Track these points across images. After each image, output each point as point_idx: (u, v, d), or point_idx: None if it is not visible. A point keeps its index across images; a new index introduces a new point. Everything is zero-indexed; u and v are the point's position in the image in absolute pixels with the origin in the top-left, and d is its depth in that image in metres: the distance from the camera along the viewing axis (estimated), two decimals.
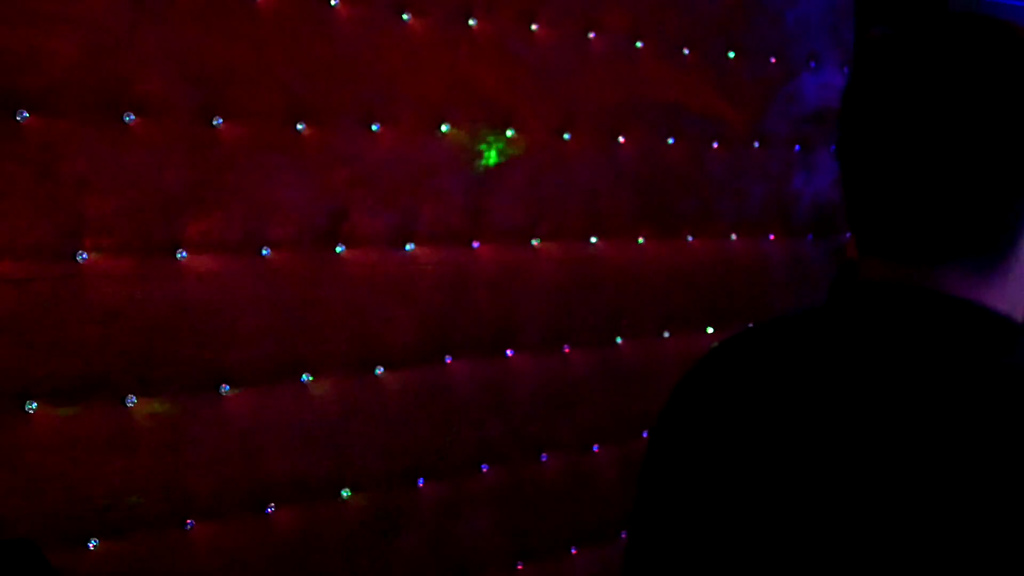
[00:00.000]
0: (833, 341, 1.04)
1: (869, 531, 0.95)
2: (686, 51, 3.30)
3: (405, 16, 2.69)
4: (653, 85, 3.21)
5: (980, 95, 0.94)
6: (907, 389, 0.96)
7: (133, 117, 2.30)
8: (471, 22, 2.81)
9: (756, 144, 3.50)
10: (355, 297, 2.62)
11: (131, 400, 2.29)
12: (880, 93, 1.00)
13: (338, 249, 2.59)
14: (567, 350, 3.01)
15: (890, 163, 0.98)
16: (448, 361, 2.77)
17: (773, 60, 3.56)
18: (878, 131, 0.99)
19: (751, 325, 1.19)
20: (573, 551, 3.03)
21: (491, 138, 2.85)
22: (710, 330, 3.33)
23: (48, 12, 2.20)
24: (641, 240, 3.17)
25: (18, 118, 2.16)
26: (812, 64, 3.72)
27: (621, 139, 3.12)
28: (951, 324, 0.97)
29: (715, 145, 3.35)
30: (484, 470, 2.83)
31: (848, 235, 3.76)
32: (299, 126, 2.53)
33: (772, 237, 3.56)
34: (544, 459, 2.96)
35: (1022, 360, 0.96)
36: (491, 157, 2.85)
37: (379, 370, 2.65)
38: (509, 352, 2.89)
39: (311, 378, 2.54)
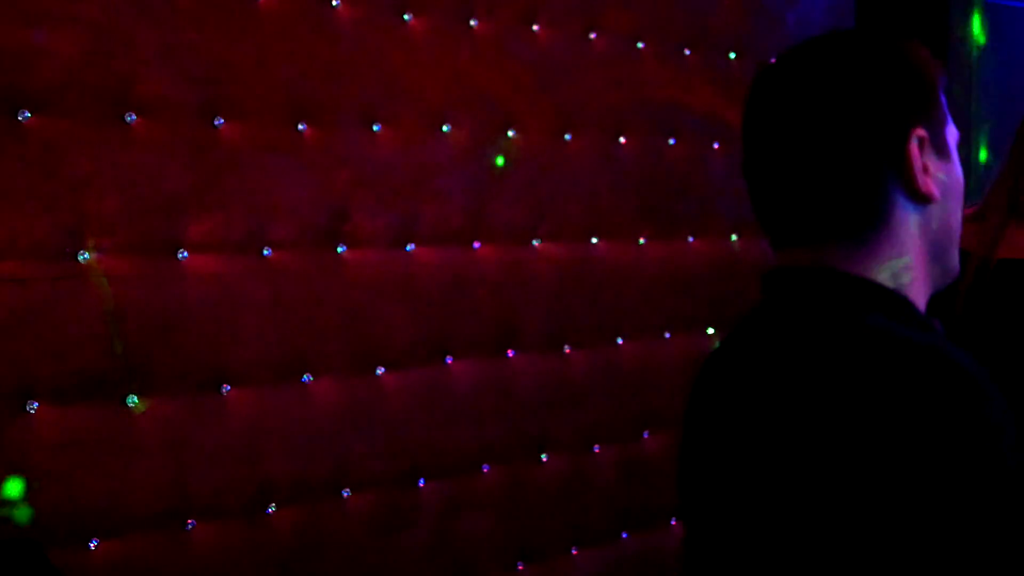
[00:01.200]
0: (746, 325, 1.21)
1: (770, 503, 1.07)
2: (687, 52, 3.31)
3: (406, 16, 2.69)
4: (654, 86, 3.21)
5: (828, 102, 1.12)
6: (788, 358, 1.10)
7: (135, 117, 2.30)
8: (472, 22, 2.81)
9: None
10: (356, 297, 2.62)
11: (132, 400, 2.29)
12: (755, 115, 1.18)
13: (339, 249, 2.59)
14: (567, 350, 3.01)
15: (770, 169, 1.16)
16: (449, 361, 2.77)
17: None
18: (757, 146, 1.17)
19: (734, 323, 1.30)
20: (573, 551, 3.03)
21: (500, 140, 2.85)
22: (710, 330, 3.34)
23: (50, 12, 2.20)
24: (641, 240, 3.18)
25: (20, 118, 2.16)
26: None
27: (622, 139, 3.12)
28: (828, 292, 1.12)
29: (715, 145, 3.35)
30: (485, 470, 2.83)
31: None
32: (300, 126, 2.53)
33: None
34: (544, 459, 2.96)
35: (884, 322, 1.07)
36: (500, 159, 2.85)
37: (380, 370, 2.65)
38: (510, 352, 2.89)
39: (312, 378, 2.54)
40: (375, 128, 2.64)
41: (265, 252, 2.48)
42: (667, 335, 3.24)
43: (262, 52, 2.48)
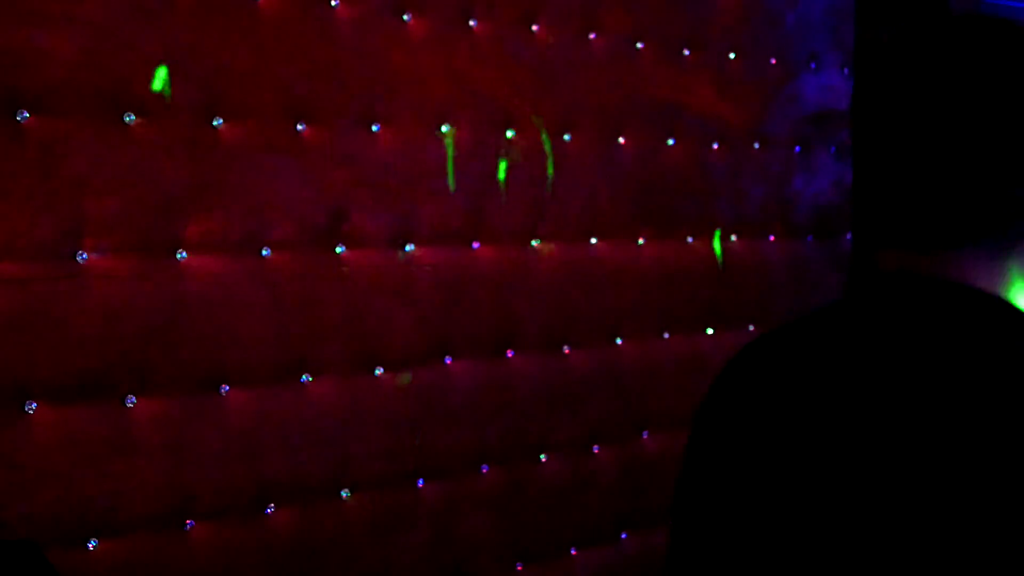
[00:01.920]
0: (856, 334, 1.05)
1: (899, 529, 0.95)
2: (686, 52, 3.31)
3: (405, 17, 2.69)
4: (653, 86, 3.21)
5: (985, 92, 0.98)
6: (924, 381, 0.97)
7: (134, 117, 2.30)
8: (471, 23, 2.81)
9: (756, 145, 3.50)
10: (355, 297, 2.62)
11: (131, 400, 2.29)
12: (892, 93, 1.04)
13: (338, 249, 2.59)
14: (567, 350, 3.01)
15: (905, 156, 1.02)
16: (448, 362, 2.77)
17: (773, 61, 3.56)
18: (892, 128, 1.03)
19: (787, 323, 1.17)
20: (573, 552, 3.03)
21: (500, 141, 2.85)
22: (710, 331, 3.34)
23: (48, 12, 2.20)
24: (641, 241, 3.18)
25: (19, 118, 2.16)
26: (812, 65, 3.72)
27: (621, 140, 3.12)
28: (963, 313, 0.99)
29: (715, 146, 3.35)
30: (484, 471, 2.83)
31: (848, 236, 3.76)
32: (299, 126, 2.53)
33: (772, 238, 3.56)
34: (544, 459, 2.96)
35: None
36: (502, 164, 2.86)
37: (379, 370, 2.65)
38: (509, 352, 2.89)
39: (311, 378, 2.54)
40: (374, 128, 2.64)
41: (264, 252, 2.48)
42: (666, 335, 3.24)
43: (261, 52, 2.48)
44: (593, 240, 3.06)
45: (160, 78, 2.29)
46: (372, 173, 2.65)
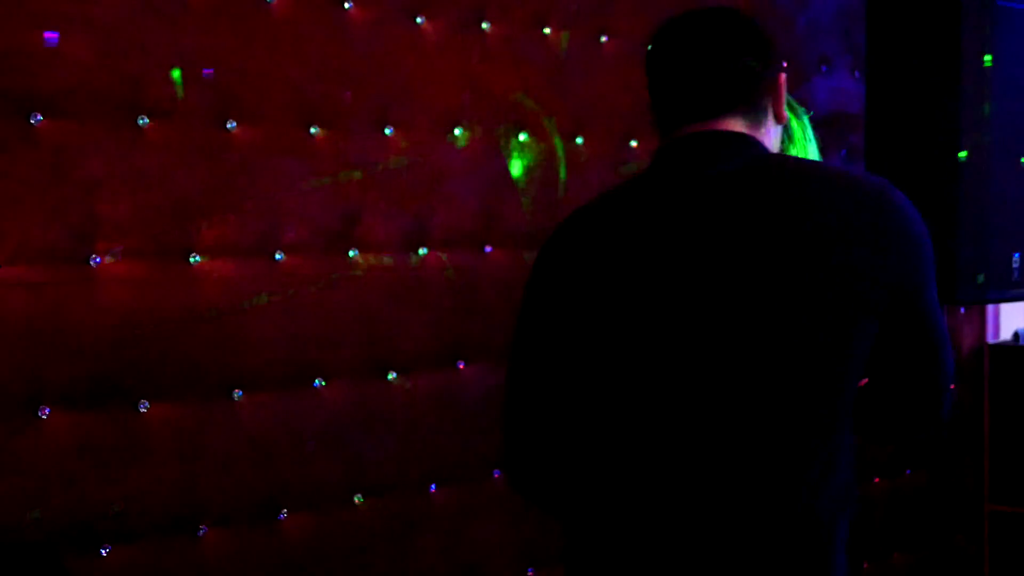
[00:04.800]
0: (663, 174, 1.54)
1: (729, 304, 1.44)
2: None
3: (418, 20, 2.67)
4: None
5: (735, 28, 1.56)
6: (724, 188, 1.48)
7: (147, 120, 2.29)
8: (484, 25, 2.80)
9: None
10: (368, 302, 2.60)
11: (144, 405, 2.28)
12: (674, 35, 1.58)
13: (351, 253, 2.58)
14: None
15: (686, 67, 1.54)
16: (461, 366, 2.76)
17: (784, 65, 3.55)
18: (677, 54, 1.56)
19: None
20: None
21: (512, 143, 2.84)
22: None
23: (62, 14, 2.19)
24: None
25: (32, 121, 2.15)
26: (823, 68, 3.70)
27: (633, 143, 3.10)
28: (739, 141, 1.51)
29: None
30: (496, 476, 2.82)
31: None
32: (312, 129, 2.52)
33: None
34: None
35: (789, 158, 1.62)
36: (515, 163, 2.84)
37: (392, 375, 2.64)
38: None
39: (324, 383, 2.53)
40: (387, 131, 2.63)
41: (277, 256, 2.46)
42: None
43: (274, 55, 2.47)
44: None
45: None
46: (385, 176, 2.63)
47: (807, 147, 2.26)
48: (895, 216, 1.45)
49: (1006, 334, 4.26)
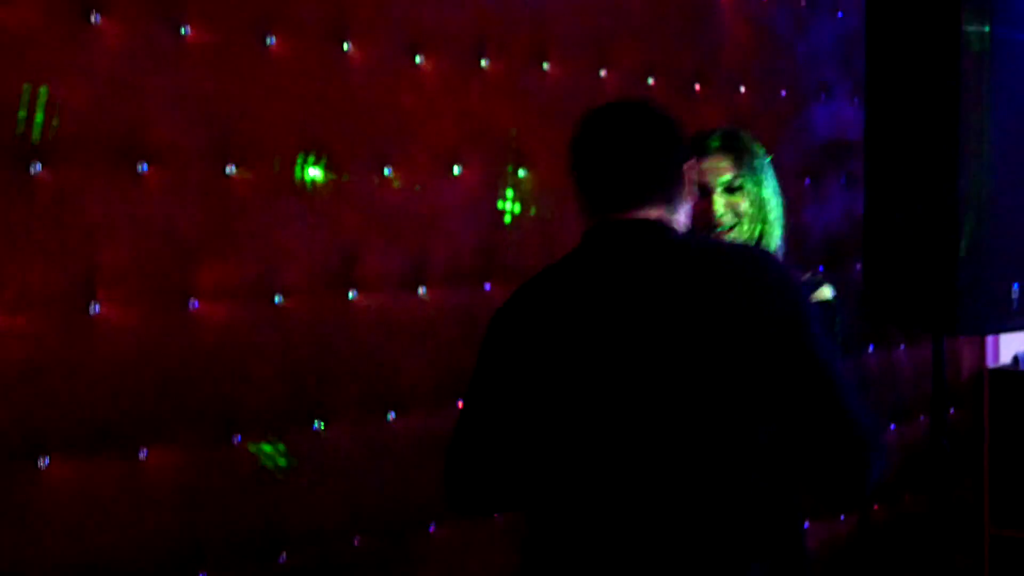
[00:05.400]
0: (596, 256, 1.77)
1: (649, 363, 1.68)
2: (697, 86, 3.30)
3: (418, 58, 2.67)
4: None
5: (651, 125, 1.81)
6: (643, 267, 1.73)
7: (146, 166, 2.28)
8: (483, 62, 2.80)
9: None
10: (367, 342, 2.60)
11: (144, 452, 2.28)
12: (597, 131, 1.84)
13: (350, 295, 2.58)
14: None
15: (612, 160, 1.80)
16: (461, 405, 2.75)
17: (784, 93, 3.56)
18: (603, 147, 1.82)
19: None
20: None
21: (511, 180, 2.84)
22: None
23: (60, 62, 2.19)
24: None
25: (31, 171, 2.15)
26: (823, 95, 3.71)
27: None
28: (654, 229, 1.76)
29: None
30: (496, 516, 2.81)
31: (858, 265, 3.74)
32: (312, 170, 2.51)
33: None
34: None
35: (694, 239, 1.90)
36: (511, 201, 2.84)
37: (391, 415, 2.64)
38: None
39: (323, 425, 2.53)
40: (386, 171, 2.63)
41: (277, 299, 2.46)
42: None
43: (274, 96, 2.47)
44: None
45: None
46: (384, 215, 2.63)
47: (767, 212, 2.32)
48: (773, 273, 1.73)
49: (1006, 357, 4.26)
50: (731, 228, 2.27)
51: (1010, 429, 4.06)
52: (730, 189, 2.29)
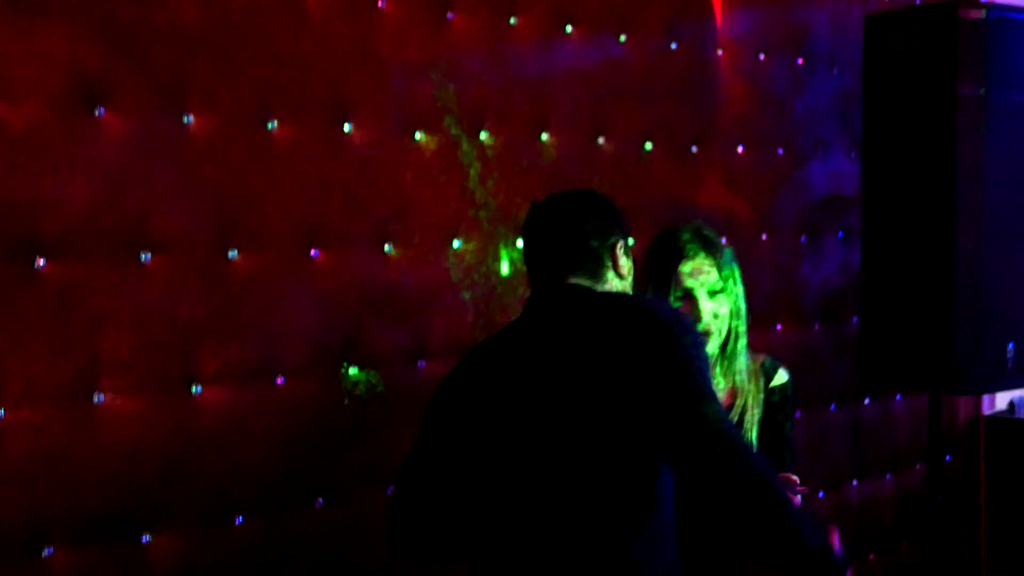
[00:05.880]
0: (523, 321, 2.00)
1: (551, 417, 1.85)
2: (695, 148, 3.32)
3: (417, 136, 2.70)
4: (663, 184, 3.23)
5: (580, 213, 2.04)
6: (561, 329, 1.92)
7: (149, 256, 2.31)
8: (482, 136, 2.82)
9: (764, 236, 3.52)
10: (367, 419, 2.63)
11: (146, 538, 2.31)
12: (541, 216, 2.07)
13: (351, 371, 2.60)
14: None
15: (546, 244, 2.04)
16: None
17: (781, 151, 3.58)
18: (539, 230, 2.06)
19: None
20: None
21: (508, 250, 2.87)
22: None
23: (63, 157, 2.21)
24: None
25: (35, 265, 2.17)
26: (820, 151, 3.73)
27: (631, 241, 3.12)
28: (581, 294, 1.97)
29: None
30: None
31: (855, 319, 3.77)
32: (312, 252, 2.54)
33: (779, 327, 3.57)
34: None
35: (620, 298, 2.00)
36: (506, 266, 2.87)
37: (390, 490, 2.66)
38: None
39: (324, 503, 2.56)
40: (386, 248, 2.66)
41: (278, 380, 2.49)
42: None
43: (275, 181, 2.50)
44: None
45: None
46: (384, 293, 2.66)
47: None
48: (661, 321, 1.87)
49: (1001, 403, 4.29)
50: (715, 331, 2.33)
51: (1006, 475, 4.09)
52: (712, 292, 2.33)
